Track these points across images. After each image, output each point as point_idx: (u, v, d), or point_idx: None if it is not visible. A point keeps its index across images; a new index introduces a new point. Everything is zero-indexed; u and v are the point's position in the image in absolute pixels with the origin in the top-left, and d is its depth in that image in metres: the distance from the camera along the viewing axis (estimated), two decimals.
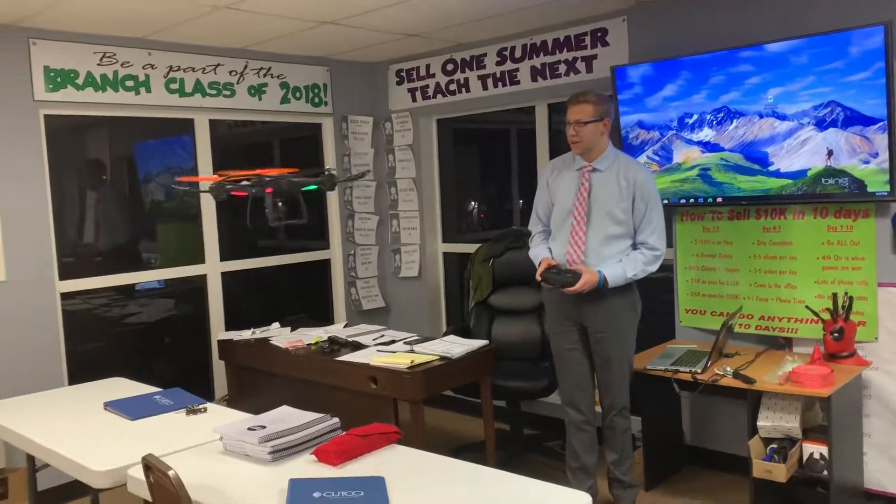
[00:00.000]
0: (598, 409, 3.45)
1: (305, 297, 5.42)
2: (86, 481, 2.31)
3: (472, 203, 5.89)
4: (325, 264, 5.24)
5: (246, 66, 4.60)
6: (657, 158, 3.84)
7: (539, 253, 3.42)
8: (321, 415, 2.43)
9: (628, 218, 3.22)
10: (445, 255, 5.33)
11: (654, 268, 3.25)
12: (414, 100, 5.12)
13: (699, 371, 3.32)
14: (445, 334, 3.95)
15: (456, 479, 2.08)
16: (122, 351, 4.44)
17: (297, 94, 4.88)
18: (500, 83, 4.64)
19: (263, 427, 2.33)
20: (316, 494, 1.93)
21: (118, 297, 4.59)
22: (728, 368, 3.27)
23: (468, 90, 4.81)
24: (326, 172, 3.10)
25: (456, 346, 3.43)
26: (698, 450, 3.98)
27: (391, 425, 2.37)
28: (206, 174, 4.54)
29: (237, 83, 4.57)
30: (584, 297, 3.21)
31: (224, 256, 4.70)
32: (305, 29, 4.11)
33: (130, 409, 2.81)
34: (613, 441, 3.39)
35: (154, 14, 3.64)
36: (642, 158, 3.84)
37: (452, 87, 4.89)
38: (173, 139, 4.82)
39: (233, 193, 2.89)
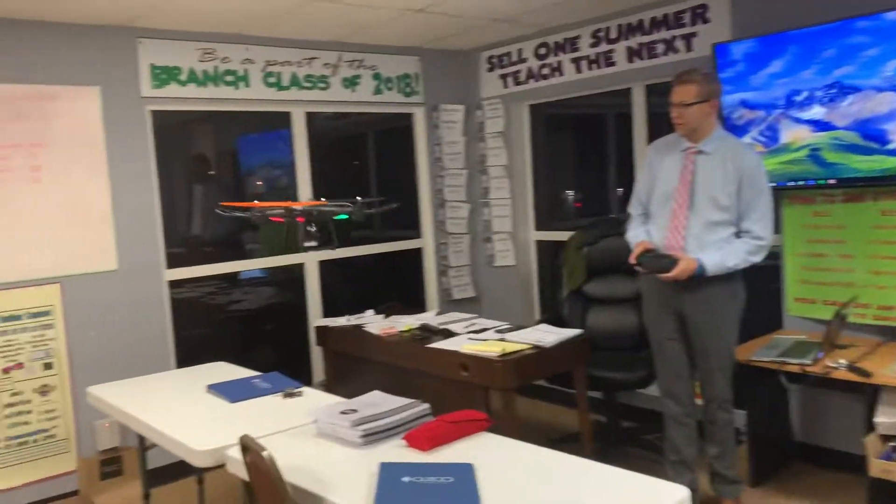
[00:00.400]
0: (699, 401, 3.31)
1: (399, 285, 5.48)
2: (188, 460, 2.40)
3: (568, 192, 5.78)
4: (417, 253, 5.27)
5: (340, 59, 4.67)
6: (763, 139, 3.63)
7: (636, 235, 3.31)
8: (412, 400, 2.43)
9: (733, 204, 3.06)
10: (539, 243, 5.26)
11: (757, 258, 3.08)
12: (505, 86, 5.06)
13: (809, 363, 3.12)
14: (539, 323, 3.89)
15: (547, 469, 2.04)
16: (226, 336, 4.62)
17: (389, 85, 4.92)
18: (594, 65, 4.51)
19: (355, 411, 2.35)
20: (405, 479, 1.92)
21: (223, 285, 4.78)
22: (842, 361, 3.06)
23: (561, 74, 4.71)
24: (357, 202, 3.29)
25: (549, 335, 3.36)
26: (808, 446, 3.76)
27: (481, 412, 2.35)
28: (303, 166, 4.66)
29: (332, 76, 4.65)
30: (681, 284, 3.08)
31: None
32: (397, 17, 4.13)
33: (231, 392, 2.90)
34: (714, 435, 3.25)
35: (254, 8, 3.74)
36: (746, 140, 3.64)
37: (545, 71, 4.80)
38: (273, 133, 4.97)
39: (271, 219, 3.22)
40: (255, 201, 3.49)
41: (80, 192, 3.77)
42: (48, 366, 3.71)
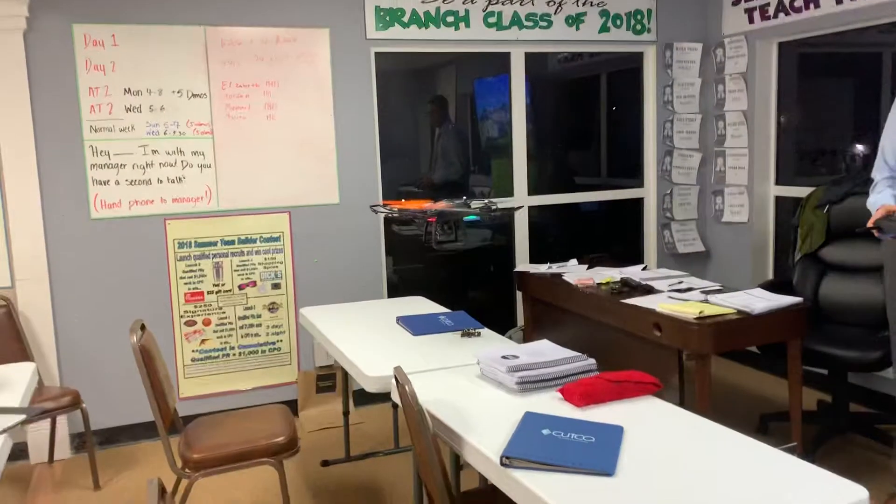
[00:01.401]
0: None
1: (617, 236, 5.26)
2: (360, 383, 2.53)
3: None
4: (637, 203, 5.00)
5: None
6: None
7: (879, 200, 2.84)
8: (578, 353, 2.32)
9: None
10: (779, 199, 4.71)
11: None
12: (751, 21, 4.52)
13: None
14: (759, 287, 3.50)
15: (709, 446, 1.83)
16: (436, 274, 4.78)
17: (618, 22, 4.63)
18: None
19: (517, 357, 2.30)
20: (545, 431, 1.85)
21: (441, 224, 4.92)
22: None
23: (817, 6, 4.10)
24: (485, 204, 3.65)
25: (759, 301, 3.01)
26: None
27: (650, 375, 2.17)
28: (519, 110, 4.60)
29: (555, 13, 4.48)
30: None
31: (540, 190, 4.75)
32: None
33: (416, 325, 3.00)
34: None
35: None
36: None
37: (798, 3, 4.21)
38: (493, 79, 4.95)
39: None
40: (403, 200, 4.03)
41: (308, 130, 4.07)
42: (276, 286, 4.11)
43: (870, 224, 2.74)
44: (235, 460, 2.60)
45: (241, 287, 4.05)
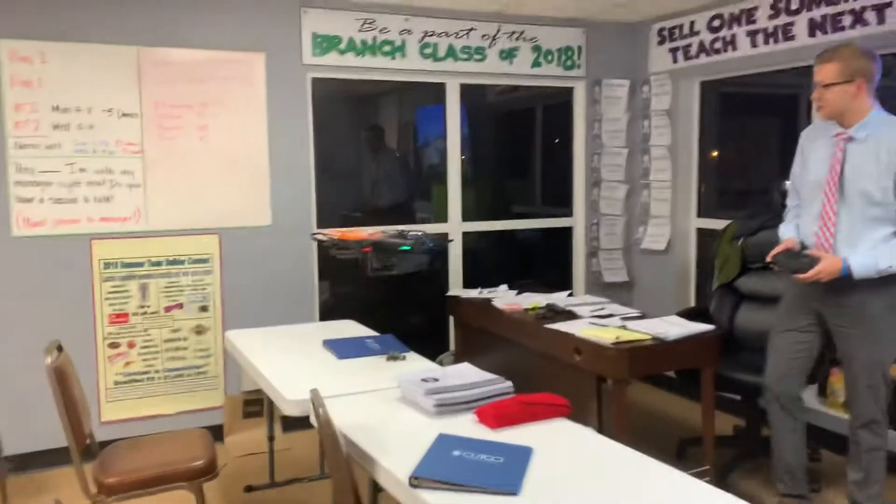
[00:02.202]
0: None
1: (549, 263, 5.38)
2: (279, 406, 2.53)
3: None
4: (568, 231, 5.13)
5: (498, 30, 4.62)
6: None
7: (785, 232, 3.04)
8: (496, 376, 2.38)
9: (888, 199, 2.68)
10: (701, 231, 4.91)
11: None
12: (675, 60, 4.74)
13: None
14: (676, 315, 3.64)
15: (616, 469, 1.89)
16: (370, 298, 4.79)
17: (549, 58, 4.79)
18: (771, 39, 4.09)
19: (436, 380, 2.34)
20: (456, 452, 1.89)
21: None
22: None
23: (735, 48, 4.33)
24: (419, 235, 3.87)
25: (674, 328, 3.14)
26: None
27: (561, 398, 2.24)
28: (454, 138, 4.69)
29: (489, 47, 4.61)
30: (826, 287, 2.77)
31: (479, 217, 4.85)
32: None
33: (342, 349, 3.02)
34: (857, 457, 2.88)
35: None
36: None
37: (718, 45, 4.43)
38: (434, 107, 5.04)
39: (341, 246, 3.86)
40: (342, 230, 4.12)
41: (241, 152, 4.07)
42: (204, 308, 4.07)
43: (769, 258, 2.93)
44: (151, 484, 2.56)
45: (167, 309, 4.00)
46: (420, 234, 3.97)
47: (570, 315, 3.49)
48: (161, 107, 3.90)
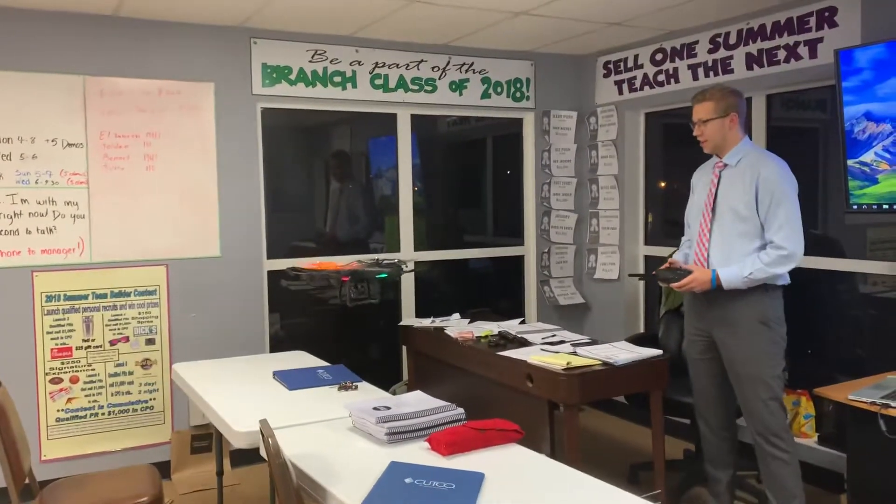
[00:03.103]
0: None
1: (501, 291, 5.41)
2: (228, 439, 2.48)
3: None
4: (520, 260, 5.18)
5: (448, 62, 4.69)
6: (887, 156, 3.25)
7: (675, 256, 3.40)
8: (447, 403, 2.38)
9: (752, 214, 2.99)
10: (648, 258, 5.01)
11: (779, 270, 2.96)
12: (620, 92, 4.87)
13: None
14: (626, 340, 3.70)
15: (568, 493, 1.90)
16: (322, 329, 4.76)
17: (499, 89, 4.88)
18: (711, 72, 4.24)
19: (388, 408, 2.33)
20: (408, 480, 1.88)
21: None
22: None
23: (677, 81, 4.47)
24: (395, 263, 3.92)
25: (622, 353, 3.18)
26: None
27: (513, 423, 2.25)
28: (405, 168, 4.73)
29: (439, 79, 4.68)
30: (709, 304, 3.12)
31: (431, 246, 4.89)
32: (500, 21, 4.09)
33: (292, 380, 2.98)
34: (764, 473, 3.10)
35: (355, 9, 3.83)
36: (869, 156, 3.28)
37: (661, 77, 4.58)
38: (387, 139, 5.08)
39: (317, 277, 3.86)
40: (313, 262, 4.11)
41: (189, 182, 4.03)
42: (150, 341, 3.99)
43: (653, 273, 3.29)
44: None
45: (112, 342, 3.90)
46: (396, 261, 4.00)
47: (521, 342, 3.51)
48: (107, 136, 3.85)
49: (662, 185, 5.05)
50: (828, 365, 3.99)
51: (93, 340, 3.86)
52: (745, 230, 3.01)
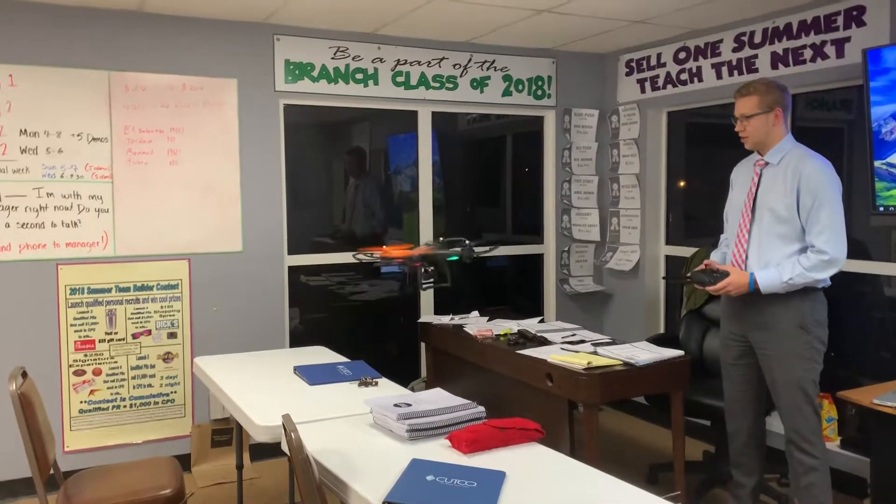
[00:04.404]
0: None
1: (520, 289, 5.41)
2: (250, 433, 2.50)
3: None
4: (538, 259, 5.17)
5: (470, 60, 4.69)
6: None
7: (712, 256, 3.30)
8: (468, 401, 2.38)
9: (793, 216, 2.87)
10: (669, 258, 4.98)
11: (821, 275, 2.84)
12: (642, 91, 4.84)
13: None
14: (646, 340, 3.68)
15: (588, 492, 1.90)
16: (342, 325, 4.78)
17: (520, 87, 4.86)
18: (735, 71, 4.21)
19: (409, 405, 2.34)
20: (429, 477, 1.88)
21: (351, 274, 4.94)
22: None
23: (700, 80, 4.44)
24: (465, 244, 3.98)
25: (643, 353, 3.17)
26: None
27: (534, 423, 2.25)
28: (426, 165, 4.73)
29: (460, 76, 4.67)
30: (746, 308, 3.00)
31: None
32: (523, 18, 4.07)
33: (313, 375, 2.99)
34: (794, 478, 3.02)
35: (377, 6, 3.84)
36: (895, 157, 3.24)
37: (683, 76, 4.55)
38: (406, 135, 5.09)
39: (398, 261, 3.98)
40: (384, 247, 4.20)
41: (212, 178, 4.06)
42: (172, 335, 4.02)
43: (688, 275, 3.21)
44: None
45: (135, 336, 3.94)
46: (467, 243, 4.02)
47: (541, 341, 3.51)
48: (131, 131, 3.88)
49: (682, 184, 5.01)
50: (851, 368, 3.95)
51: (115, 333, 3.90)
52: (785, 232, 2.89)
